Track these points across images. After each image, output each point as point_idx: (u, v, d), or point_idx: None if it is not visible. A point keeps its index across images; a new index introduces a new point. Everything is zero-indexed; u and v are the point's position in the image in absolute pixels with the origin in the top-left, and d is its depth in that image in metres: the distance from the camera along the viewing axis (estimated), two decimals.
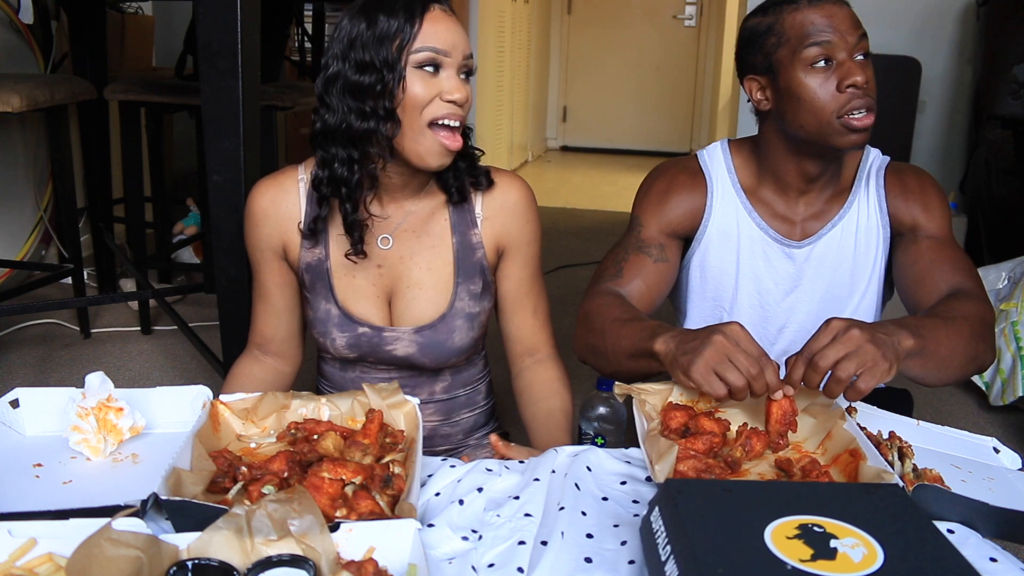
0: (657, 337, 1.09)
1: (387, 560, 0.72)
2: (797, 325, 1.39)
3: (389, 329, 1.24)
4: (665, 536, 0.71)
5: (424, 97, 1.10)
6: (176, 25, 3.46)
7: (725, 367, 0.98)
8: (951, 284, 1.25)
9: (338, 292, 1.22)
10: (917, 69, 3.55)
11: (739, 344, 0.99)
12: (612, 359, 1.20)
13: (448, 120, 1.12)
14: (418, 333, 1.24)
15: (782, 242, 1.35)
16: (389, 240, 1.23)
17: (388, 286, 1.24)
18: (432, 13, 1.11)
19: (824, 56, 1.20)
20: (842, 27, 1.19)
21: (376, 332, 1.23)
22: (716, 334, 1.00)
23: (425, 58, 1.10)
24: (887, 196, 1.34)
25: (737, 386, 0.97)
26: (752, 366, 0.98)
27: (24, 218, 2.85)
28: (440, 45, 1.10)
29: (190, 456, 0.87)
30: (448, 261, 1.24)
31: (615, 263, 1.35)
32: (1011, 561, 0.83)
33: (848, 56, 1.20)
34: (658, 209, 1.36)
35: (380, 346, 1.24)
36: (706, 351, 0.99)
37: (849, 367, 0.95)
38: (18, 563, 0.69)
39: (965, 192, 3.47)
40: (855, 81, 1.18)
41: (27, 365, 2.27)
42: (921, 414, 1.32)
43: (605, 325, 1.21)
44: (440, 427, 1.34)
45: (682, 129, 7.02)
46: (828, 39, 1.19)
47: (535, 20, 6.12)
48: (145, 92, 2.39)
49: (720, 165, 1.38)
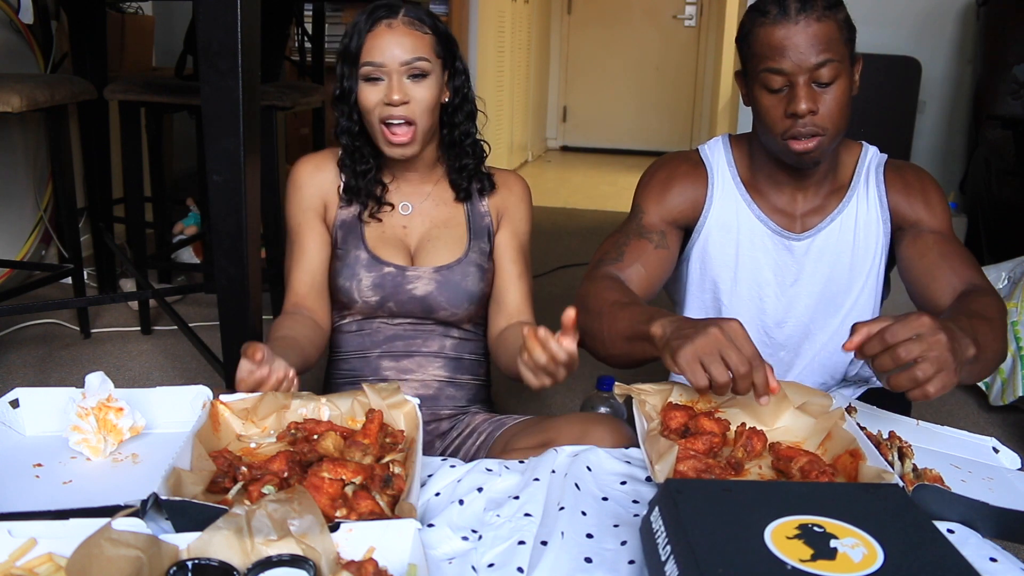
0: (655, 321, 1.09)
1: (387, 560, 0.72)
2: (795, 319, 1.40)
3: (412, 268, 1.39)
4: (665, 536, 0.71)
5: (371, 102, 1.31)
6: (176, 25, 3.46)
7: (712, 359, 0.97)
8: (964, 279, 1.26)
9: (368, 240, 1.39)
10: (917, 69, 3.55)
11: (733, 341, 0.98)
12: (608, 342, 1.20)
13: (390, 120, 1.31)
14: (437, 272, 1.39)
15: (782, 234, 1.36)
16: (409, 206, 1.43)
17: (412, 240, 1.42)
18: (375, 31, 1.30)
19: (777, 83, 1.21)
20: (800, 52, 1.19)
21: (400, 271, 1.38)
22: (713, 326, 0.99)
23: (366, 72, 1.31)
24: (887, 191, 1.35)
25: (718, 381, 0.97)
26: (741, 364, 0.96)
27: (24, 218, 2.85)
28: (376, 59, 1.30)
29: (190, 456, 0.87)
30: (461, 222, 1.43)
31: (616, 247, 1.36)
32: (1011, 561, 0.83)
33: (804, 82, 1.20)
34: (660, 198, 1.38)
35: (402, 285, 1.38)
36: (698, 340, 0.99)
37: (928, 370, 0.94)
38: (18, 563, 0.69)
39: (965, 192, 3.47)
40: (797, 110, 1.20)
41: (27, 365, 2.27)
42: (921, 414, 1.32)
43: (603, 308, 1.22)
44: (446, 387, 1.43)
45: (682, 129, 7.02)
46: (781, 66, 1.20)
47: (535, 20, 6.12)
48: (145, 92, 2.39)
49: (721, 158, 1.40)
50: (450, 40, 1.37)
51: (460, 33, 4.18)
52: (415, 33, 1.31)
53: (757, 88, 1.25)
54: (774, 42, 1.20)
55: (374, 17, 1.31)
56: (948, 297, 1.25)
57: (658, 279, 1.37)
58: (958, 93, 3.71)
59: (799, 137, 1.22)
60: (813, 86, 1.20)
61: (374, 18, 1.31)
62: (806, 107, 1.19)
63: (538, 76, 6.50)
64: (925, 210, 1.33)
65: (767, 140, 1.28)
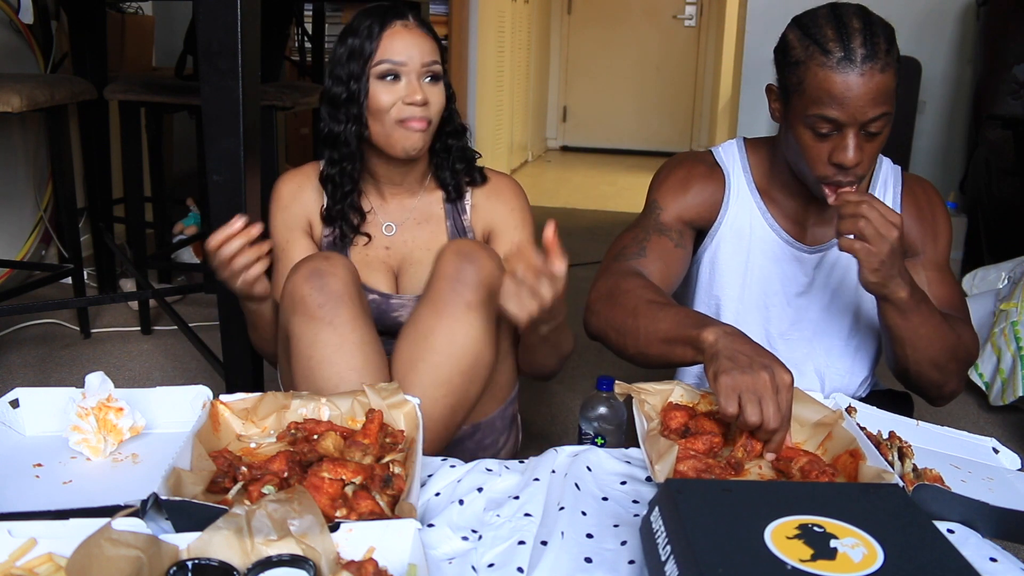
0: (707, 327, 1.08)
1: (387, 560, 0.72)
2: (800, 332, 1.38)
3: (396, 296, 1.37)
4: (665, 536, 0.71)
5: (388, 102, 1.28)
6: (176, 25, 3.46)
7: (751, 400, 0.97)
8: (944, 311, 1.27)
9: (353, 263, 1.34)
10: (917, 69, 3.55)
11: (778, 393, 0.98)
12: (643, 340, 1.18)
13: (412, 123, 1.28)
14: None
15: (794, 245, 1.35)
16: (392, 227, 1.40)
17: (395, 263, 1.40)
18: (391, 30, 1.28)
19: (826, 128, 1.15)
20: (858, 104, 1.12)
21: (384, 299, 1.36)
22: (766, 371, 0.98)
23: (384, 69, 1.28)
24: (902, 212, 1.33)
25: (749, 421, 0.97)
26: (774, 420, 0.97)
27: (24, 218, 2.85)
28: (396, 57, 1.27)
29: (190, 456, 0.87)
30: (443, 241, 1.38)
31: (636, 242, 1.34)
32: (1011, 561, 0.83)
33: (855, 132, 1.14)
34: (678, 196, 1.36)
35: (387, 312, 1.36)
36: (746, 376, 0.98)
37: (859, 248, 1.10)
38: (18, 563, 0.69)
39: (965, 192, 3.47)
40: (842, 161, 1.15)
41: (27, 365, 2.27)
42: (921, 414, 1.32)
43: (638, 305, 1.20)
44: None
45: (682, 129, 7.02)
46: (836, 116, 1.13)
47: (535, 20, 6.11)
48: (145, 92, 2.39)
49: (736, 163, 1.37)
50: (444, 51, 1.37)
51: (460, 33, 4.18)
52: (428, 36, 1.31)
53: (801, 126, 1.18)
54: (834, 90, 1.12)
55: (388, 16, 1.29)
56: None
57: (676, 278, 1.35)
58: (958, 93, 3.71)
59: (838, 184, 1.18)
60: (862, 134, 1.15)
61: (388, 17, 1.29)
62: (854, 159, 1.14)
63: (538, 76, 6.50)
64: (931, 243, 1.33)
65: (800, 171, 1.24)
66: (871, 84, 1.12)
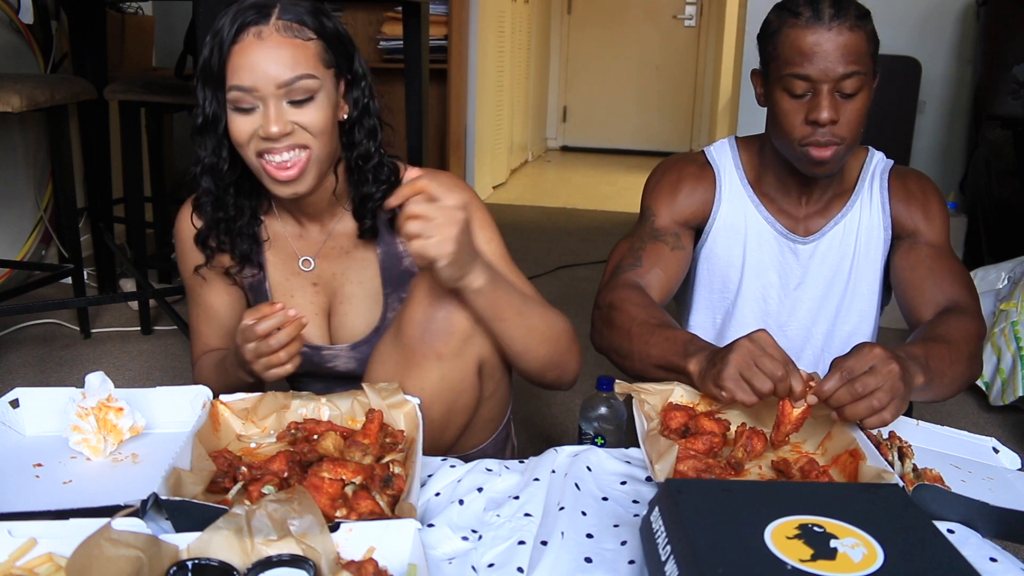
0: (690, 358, 1.12)
1: (387, 560, 0.72)
2: (798, 322, 1.40)
3: (327, 348, 1.25)
4: (665, 536, 0.71)
5: (243, 135, 1.05)
6: (176, 25, 3.45)
7: (751, 372, 1.01)
8: (948, 296, 1.27)
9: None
10: (917, 69, 3.55)
11: (765, 349, 1.02)
12: (639, 365, 1.22)
13: (270, 156, 1.05)
14: (354, 349, 1.24)
15: (788, 236, 1.36)
16: (311, 262, 1.21)
17: (324, 303, 1.24)
18: (241, 43, 1.02)
19: (801, 88, 1.19)
20: (829, 60, 1.16)
21: (315, 351, 1.24)
22: (742, 339, 1.03)
23: (233, 98, 1.04)
24: (890, 199, 1.35)
25: (762, 390, 1.00)
26: (776, 369, 1.00)
27: (24, 218, 2.85)
28: (246, 82, 1.02)
29: (190, 456, 0.87)
30: (375, 274, 1.22)
31: (632, 252, 1.36)
32: (1011, 561, 0.83)
33: (828, 91, 1.17)
34: (670, 199, 1.38)
35: (321, 364, 1.25)
36: (733, 358, 1.02)
37: (884, 398, 0.97)
38: (18, 563, 0.69)
39: (965, 192, 3.47)
40: (819, 118, 1.17)
41: (27, 365, 2.27)
42: (921, 414, 1.32)
43: (632, 327, 1.22)
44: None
45: (682, 129, 7.02)
46: (807, 72, 1.17)
47: (535, 20, 6.11)
48: (145, 92, 2.39)
49: (728, 160, 1.40)
50: (342, 41, 1.10)
51: (460, 33, 4.18)
52: (294, 42, 1.03)
53: (778, 91, 1.22)
54: (804, 47, 1.16)
55: (240, 23, 1.02)
56: (930, 312, 1.27)
57: (676, 281, 1.38)
58: (958, 93, 3.71)
59: (817, 145, 1.20)
60: (836, 95, 1.18)
61: (240, 24, 1.02)
62: (828, 116, 1.17)
63: (538, 76, 6.50)
64: (924, 221, 1.33)
65: (782, 144, 1.26)
66: (839, 39, 1.15)
